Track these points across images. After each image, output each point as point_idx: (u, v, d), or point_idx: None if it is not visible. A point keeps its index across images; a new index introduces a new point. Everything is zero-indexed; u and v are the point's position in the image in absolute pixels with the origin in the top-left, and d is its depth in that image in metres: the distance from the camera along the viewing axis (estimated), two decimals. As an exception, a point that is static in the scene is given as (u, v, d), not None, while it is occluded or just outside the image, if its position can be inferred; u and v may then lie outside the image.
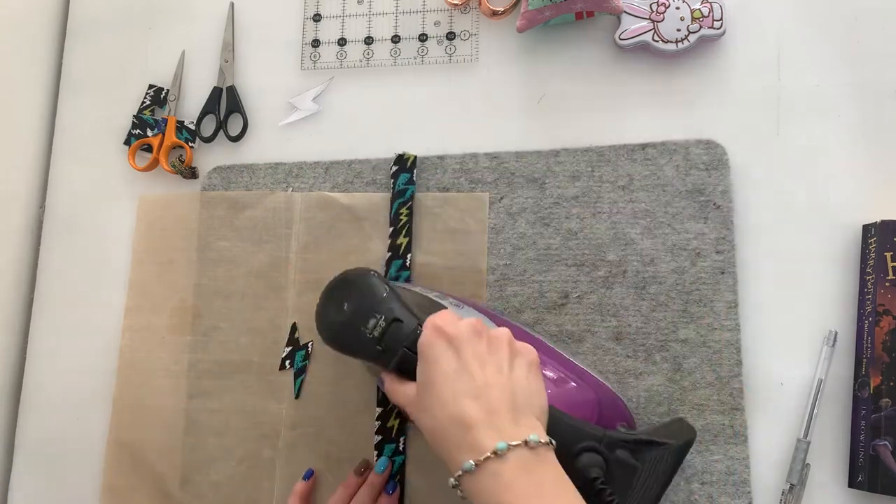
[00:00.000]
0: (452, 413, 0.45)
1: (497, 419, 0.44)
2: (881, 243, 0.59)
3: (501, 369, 0.47)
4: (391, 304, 0.53)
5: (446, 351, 0.47)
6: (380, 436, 0.64)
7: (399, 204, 0.67)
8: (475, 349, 0.47)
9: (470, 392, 0.45)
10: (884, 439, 0.56)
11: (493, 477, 0.43)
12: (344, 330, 0.54)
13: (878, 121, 0.63)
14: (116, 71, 0.78)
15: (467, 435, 0.44)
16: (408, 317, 0.52)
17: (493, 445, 0.43)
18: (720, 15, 0.65)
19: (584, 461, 0.50)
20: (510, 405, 0.45)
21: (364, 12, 0.74)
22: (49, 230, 0.77)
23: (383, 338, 0.52)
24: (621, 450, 0.52)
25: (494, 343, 0.48)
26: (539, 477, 0.43)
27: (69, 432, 0.72)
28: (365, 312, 0.53)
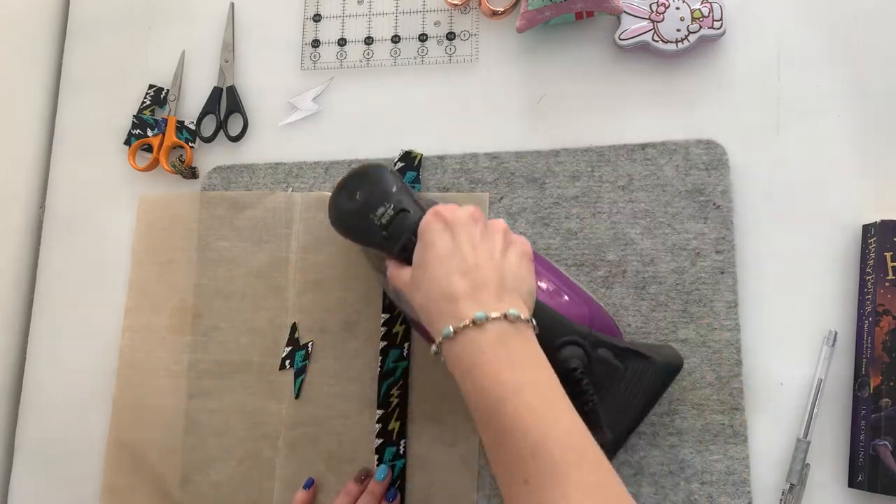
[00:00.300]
0: (442, 287, 0.48)
1: (482, 294, 0.46)
2: (881, 243, 0.59)
3: (493, 254, 0.49)
4: (401, 196, 0.55)
5: (443, 233, 0.50)
6: (381, 439, 0.64)
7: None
8: (470, 233, 0.50)
9: (460, 270, 0.48)
10: (884, 439, 0.56)
11: (469, 343, 0.45)
12: (354, 217, 0.57)
13: (878, 121, 0.63)
14: (116, 71, 0.78)
15: (452, 305, 0.46)
16: (415, 208, 0.55)
17: (473, 315, 0.45)
18: (720, 15, 0.65)
19: (567, 352, 0.51)
20: (497, 284, 0.47)
21: (364, 12, 0.74)
22: (49, 230, 0.77)
23: (390, 225, 0.54)
24: (604, 349, 0.53)
25: (490, 230, 0.51)
26: (513, 348, 0.45)
27: (69, 432, 0.72)
28: (375, 201, 0.56)
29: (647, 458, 0.61)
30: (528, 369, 0.45)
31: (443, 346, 0.46)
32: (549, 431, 0.42)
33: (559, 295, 0.58)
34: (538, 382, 0.44)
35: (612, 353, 0.54)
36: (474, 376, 0.45)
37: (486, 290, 0.47)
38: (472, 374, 0.45)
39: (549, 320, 0.52)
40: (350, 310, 0.67)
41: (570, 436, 0.42)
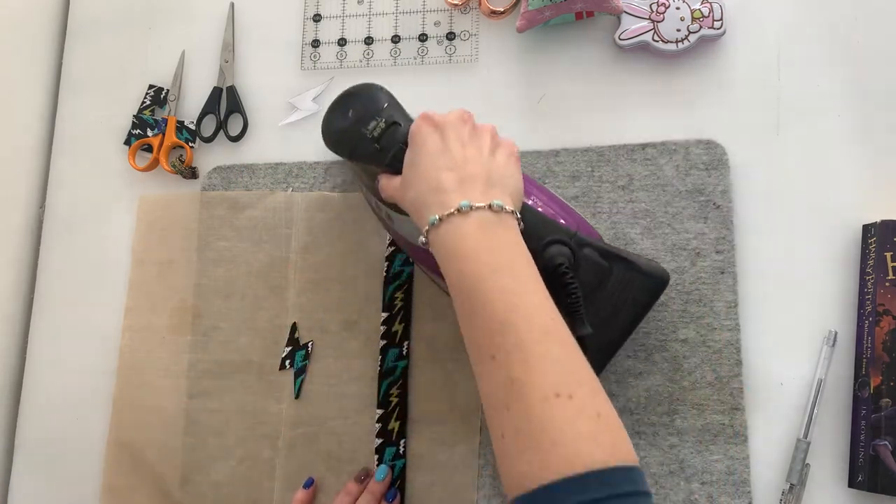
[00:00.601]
0: (431, 182, 0.49)
1: (468, 187, 0.48)
2: (881, 243, 0.59)
3: (482, 151, 0.51)
4: (391, 111, 0.57)
5: (432, 134, 0.52)
6: (380, 439, 0.64)
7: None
8: (459, 133, 0.51)
9: (448, 165, 0.50)
10: (884, 439, 0.56)
11: (453, 229, 0.47)
12: (347, 134, 0.58)
13: (878, 121, 0.63)
14: (116, 71, 0.78)
15: (439, 196, 0.48)
16: (405, 120, 0.56)
17: (458, 204, 0.47)
18: (720, 15, 0.65)
19: (553, 251, 0.52)
20: (484, 179, 0.49)
21: (364, 12, 0.74)
22: (49, 230, 0.77)
23: (381, 137, 0.56)
24: (590, 249, 0.54)
25: (479, 130, 0.53)
26: (495, 235, 0.47)
27: (69, 432, 0.72)
28: (367, 116, 0.57)
29: (647, 458, 0.61)
30: (506, 254, 0.46)
31: (429, 233, 0.48)
32: (516, 309, 0.44)
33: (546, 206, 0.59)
34: (513, 265, 0.46)
35: (599, 254, 0.55)
36: (455, 259, 0.46)
37: (473, 183, 0.48)
38: (454, 258, 0.47)
39: (536, 220, 0.53)
40: (350, 310, 0.67)
41: (537, 313, 0.44)
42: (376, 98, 0.58)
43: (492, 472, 0.63)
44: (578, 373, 0.43)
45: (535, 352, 0.42)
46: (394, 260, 0.67)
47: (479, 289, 0.45)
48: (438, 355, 0.65)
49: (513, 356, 0.42)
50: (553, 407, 0.40)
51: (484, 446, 0.63)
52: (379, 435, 0.64)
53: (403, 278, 0.66)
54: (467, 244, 0.46)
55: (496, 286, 0.44)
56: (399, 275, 0.67)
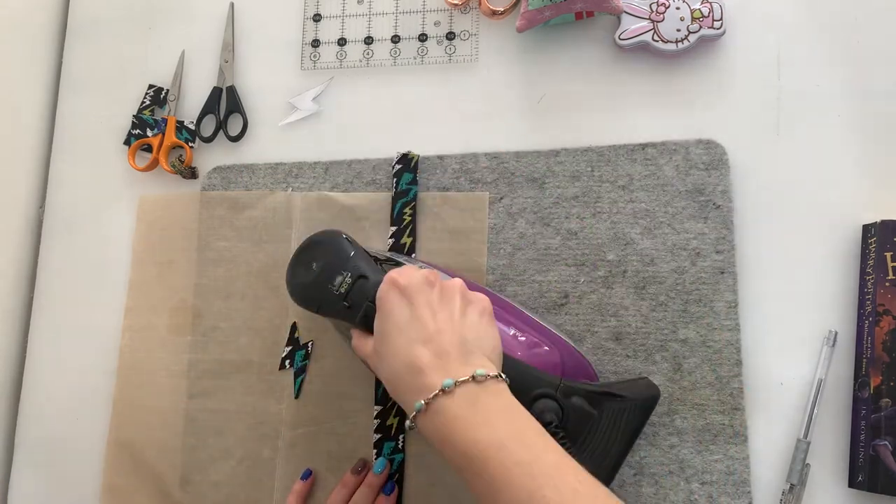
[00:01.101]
0: (405, 359, 0.47)
1: (446, 361, 0.46)
2: (881, 243, 0.59)
3: (453, 316, 0.49)
4: (357, 262, 0.55)
5: (400, 301, 0.49)
6: (379, 434, 0.64)
7: (402, 204, 0.67)
8: (427, 298, 0.49)
9: (421, 339, 0.47)
10: (884, 439, 0.56)
11: (442, 412, 0.45)
12: (312, 289, 0.56)
13: (878, 121, 0.63)
14: (116, 71, 0.79)
15: (419, 378, 0.46)
16: (373, 273, 0.54)
17: (440, 384, 0.45)
18: (720, 15, 0.65)
19: (539, 407, 0.51)
20: (460, 348, 0.47)
21: (364, 12, 0.74)
22: (49, 230, 0.77)
23: (349, 294, 0.54)
24: (577, 398, 0.53)
25: (447, 292, 0.50)
26: (486, 407, 0.44)
27: (69, 432, 0.72)
28: (332, 270, 0.55)
29: (647, 458, 0.61)
30: (504, 423, 0.44)
31: (416, 419, 0.46)
32: (539, 478, 0.41)
33: (528, 342, 0.58)
34: (517, 433, 0.44)
35: (586, 401, 0.53)
36: (453, 443, 0.44)
37: (450, 355, 0.46)
38: (451, 442, 0.44)
39: (519, 374, 0.51)
40: None
41: (560, 475, 0.42)
42: (341, 248, 0.56)
43: None
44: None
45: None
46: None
47: (491, 470, 0.42)
48: None
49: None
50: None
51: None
52: (377, 430, 0.65)
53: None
54: (460, 425, 0.44)
55: (509, 461, 0.42)
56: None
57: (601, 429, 0.53)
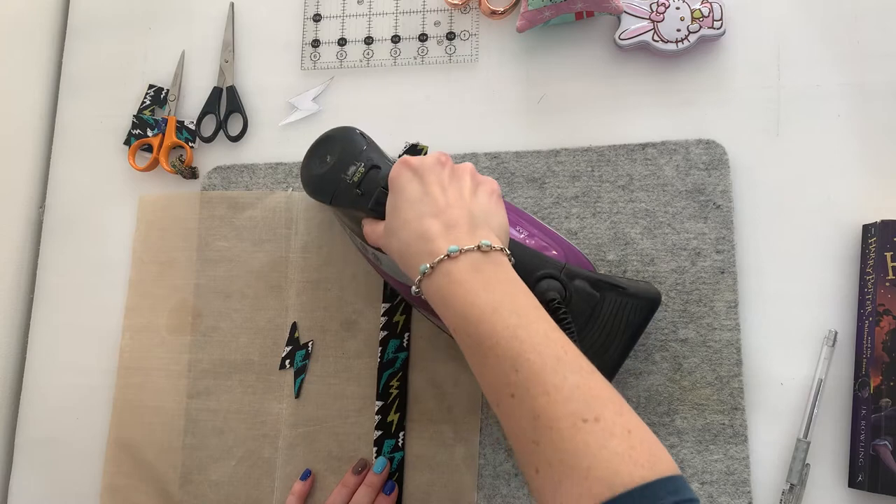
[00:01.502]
0: (415, 230, 0.49)
1: (455, 231, 0.48)
2: (881, 243, 0.59)
3: (462, 193, 0.51)
4: (370, 154, 0.57)
5: (412, 180, 0.51)
6: (380, 430, 0.64)
7: None
8: (438, 177, 0.51)
9: (431, 212, 0.49)
10: (884, 439, 0.56)
11: (445, 275, 0.47)
12: (326, 179, 0.57)
13: (878, 121, 0.63)
14: (116, 71, 0.78)
15: (427, 245, 0.48)
16: (385, 163, 0.56)
17: (446, 249, 0.47)
18: (720, 15, 0.65)
19: (543, 286, 0.52)
20: (468, 221, 0.49)
21: (364, 12, 0.74)
22: (49, 230, 0.77)
23: (362, 182, 0.55)
24: (581, 280, 0.54)
25: (458, 172, 0.52)
26: (487, 273, 0.46)
27: (69, 432, 0.72)
28: (346, 161, 0.57)
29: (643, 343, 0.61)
30: (501, 290, 0.46)
31: (421, 283, 0.48)
32: (525, 343, 0.43)
33: (532, 238, 0.59)
34: (513, 300, 0.46)
35: (589, 284, 0.55)
36: (452, 304, 0.46)
37: (458, 227, 0.48)
38: (450, 303, 0.46)
39: (525, 255, 0.53)
40: (349, 309, 0.67)
41: (547, 343, 0.43)
42: (354, 141, 0.57)
43: (492, 473, 0.63)
44: (600, 394, 0.42)
45: (552, 382, 0.42)
46: None
47: (484, 331, 0.44)
48: (438, 354, 0.65)
49: (531, 390, 0.42)
50: (582, 433, 0.40)
51: (484, 446, 0.63)
52: (378, 427, 0.65)
53: None
54: (462, 288, 0.46)
55: (500, 324, 0.44)
56: None
57: (602, 317, 0.55)
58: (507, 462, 0.63)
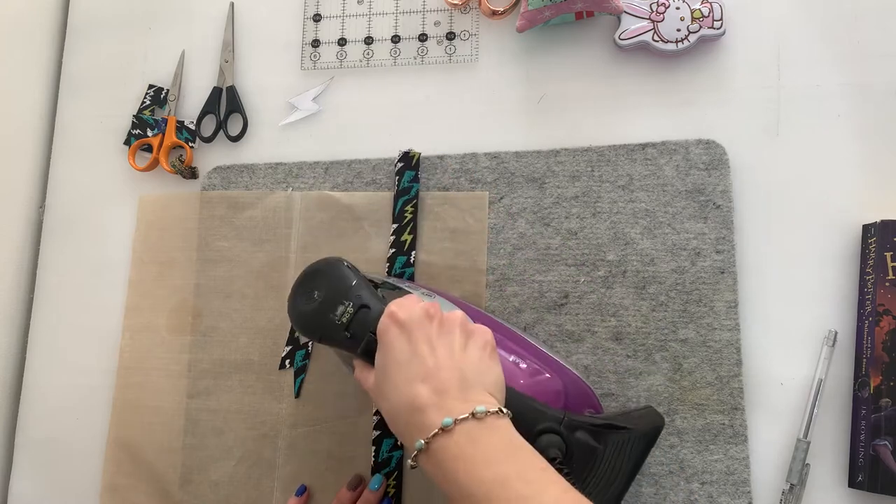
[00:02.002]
0: (405, 397, 0.46)
1: (446, 399, 0.45)
2: (881, 243, 0.59)
3: (452, 351, 0.48)
4: (359, 292, 0.54)
5: (399, 336, 0.48)
6: (378, 430, 0.64)
7: (404, 201, 0.68)
8: (427, 333, 0.48)
9: (420, 376, 0.46)
10: (884, 439, 0.56)
11: (442, 451, 0.44)
12: (314, 318, 0.54)
13: (878, 121, 0.63)
14: (116, 71, 0.78)
15: (419, 417, 0.45)
16: (375, 303, 0.53)
17: (440, 423, 0.44)
18: (720, 15, 0.65)
19: (544, 442, 0.50)
20: (459, 384, 0.46)
21: (364, 12, 0.74)
22: (49, 230, 0.77)
23: (351, 324, 0.53)
24: (582, 432, 0.52)
25: (446, 325, 0.49)
26: (486, 444, 0.44)
27: (69, 432, 0.72)
28: (334, 300, 0.54)
29: (648, 458, 0.61)
30: (505, 460, 0.44)
31: (418, 459, 0.45)
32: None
33: (530, 369, 0.57)
34: (519, 468, 0.43)
35: (591, 435, 0.53)
36: (456, 482, 0.43)
37: (449, 392, 0.46)
38: (453, 480, 0.43)
39: (522, 408, 0.51)
40: None
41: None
42: (342, 277, 0.55)
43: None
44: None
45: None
46: (394, 262, 0.67)
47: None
48: None
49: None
50: None
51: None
52: (377, 427, 0.65)
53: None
54: (461, 464, 0.43)
55: (513, 498, 0.41)
56: (401, 275, 0.67)
57: (605, 462, 0.53)
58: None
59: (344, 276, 0.55)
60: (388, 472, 0.64)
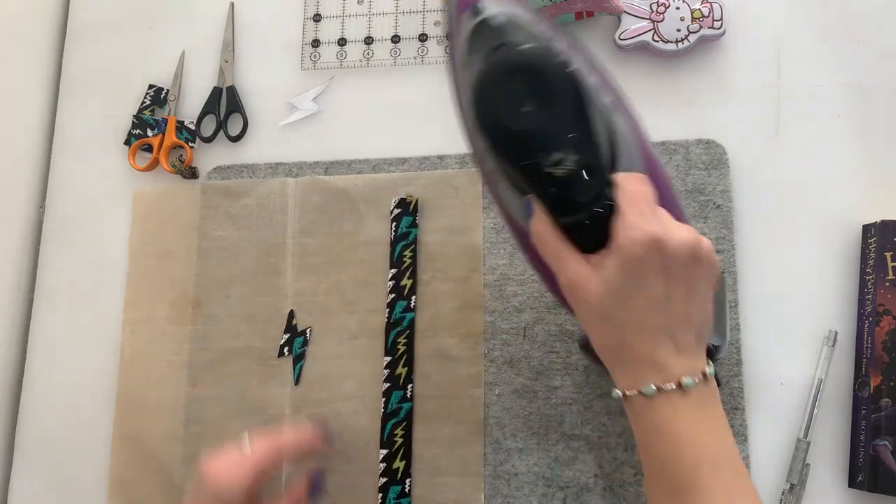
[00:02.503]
0: (646, 343, 0.42)
1: (685, 354, 0.43)
2: (881, 243, 0.59)
3: (703, 305, 0.44)
4: (588, 141, 0.40)
5: (658, 275, 0.41)
6: (388, 384, 0.65)
7: (403, 246, 0.68)
8: (687, 282, 0.42)
9: (669, 329, 0.42)
10: (884, 439, 0.56)
11: (672, 407, 0.42)
12: (514, 142, 0.41)
13: (878, 121, 0.63)
14: (116, 71, 0.78)
15: (656, 364, 0.42)
16: (607, 166, 0.41)
17: (681, 379, 0.42)
18: (720, 15, 0.65)
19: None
20: (697, 341, 0.43)
21: (364, 12, 0.74)
22: (49, 230, 0.77)
23: (565, 184, 0.39)
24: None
25: (699, 269, 0.43)
26: (712, 416, 0.43)
27: (70, 431, 0.72)
28: (551, 135, 0.39)
29: None
30: (722, 441, 0.43)
31: (636, 400, 0.43)
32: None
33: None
34: (731, 459, 0.43)
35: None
36: (670, 443, 0.42)
37: (691, 349, 0.43)
38: (668, 441, 0.42)
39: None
40: (348, 291, 0.68)
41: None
42: (569, 103, 0.40)
43: (492, 473, 0.63)
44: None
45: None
46: (394, 307, 0.67)
47: (698, 483, 0.41)
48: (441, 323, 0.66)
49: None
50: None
51: (486, 446, 0.63)
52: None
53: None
54: (686, 427, 0.42)
55: (717, 482, 0.41)
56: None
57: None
58: (507, 462, 0.63)
59: (576, 100, 0.40)
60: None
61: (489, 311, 0.65)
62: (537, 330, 0.64)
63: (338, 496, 0.65)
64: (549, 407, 0.63)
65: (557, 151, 0.39)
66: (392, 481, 0.64)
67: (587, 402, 0.62)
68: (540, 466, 0.62)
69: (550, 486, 0.61)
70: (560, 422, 0.62)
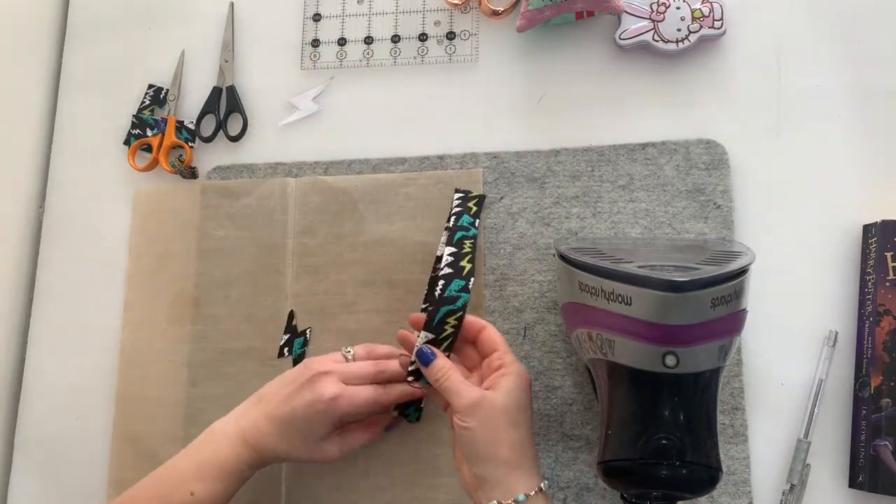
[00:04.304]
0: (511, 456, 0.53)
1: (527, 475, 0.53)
2: (881, 243, 0.59)
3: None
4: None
5: (529, 403, 0.56)
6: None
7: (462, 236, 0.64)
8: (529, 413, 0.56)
9: (527, 444, 0.54)
10: (884, 439, 0.56)
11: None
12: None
13: (878, 121, 0.63)
14: (116, 71, 0.78)
15: (511, 479, 0.52)
16: None
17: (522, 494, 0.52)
18: (720, 15, 0.65)
19: None
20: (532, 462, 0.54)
21: (364, 12, 0.74)
22: (49, 230, 0.77)
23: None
24: None
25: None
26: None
27: (70, 431, 0.72)
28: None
29: None
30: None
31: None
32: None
33: None
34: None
35: None
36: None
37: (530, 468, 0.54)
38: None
39: None
40: (348, 291, 0.68)
41: None
42: None
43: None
44: None
45: None
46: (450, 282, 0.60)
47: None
48: None
49: None
50: None
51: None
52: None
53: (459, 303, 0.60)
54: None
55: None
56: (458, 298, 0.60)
57: None
58: (507, 462, 0.63)
59: None
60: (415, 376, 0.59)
61: (489, 311, 0.65)
62: (537, 330, 0.64)
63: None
64: (549, 407, 0.63)
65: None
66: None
67: (587, 402, 0.62)
68: (540, 466, 0.62)
69: (550, 486, 0.61)
70: (560, 422, 0.62)
